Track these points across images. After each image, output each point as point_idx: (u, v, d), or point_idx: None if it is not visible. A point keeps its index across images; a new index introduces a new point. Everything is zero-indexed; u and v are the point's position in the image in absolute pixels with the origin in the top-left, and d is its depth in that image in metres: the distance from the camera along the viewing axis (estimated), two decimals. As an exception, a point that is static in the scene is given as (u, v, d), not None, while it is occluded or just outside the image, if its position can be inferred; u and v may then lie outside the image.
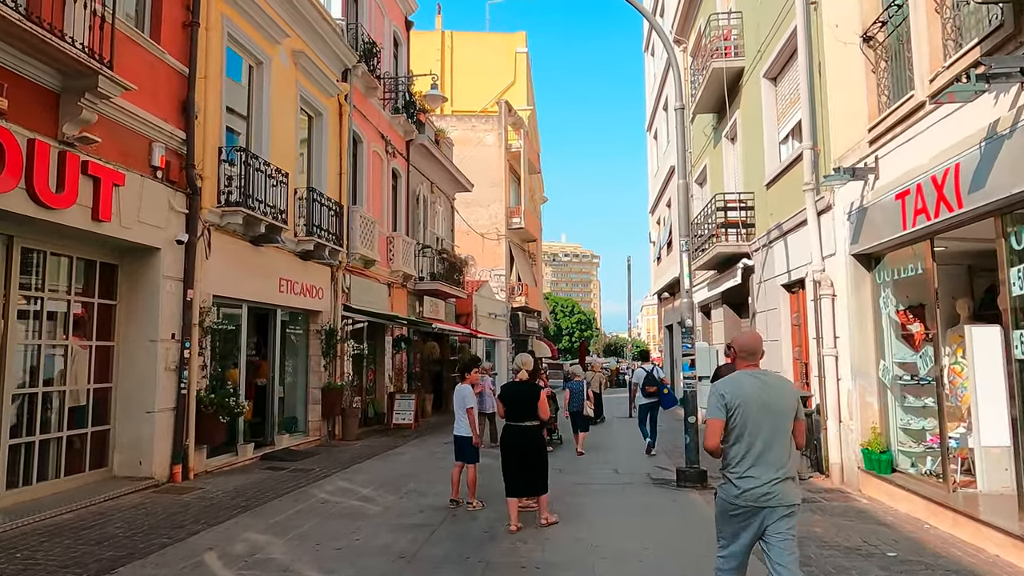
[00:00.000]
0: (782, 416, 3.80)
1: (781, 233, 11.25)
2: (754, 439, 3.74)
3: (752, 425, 3.76)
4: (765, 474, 3.71)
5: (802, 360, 10.99)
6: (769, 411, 3.78)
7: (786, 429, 3.81)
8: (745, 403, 3.78)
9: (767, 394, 3.82)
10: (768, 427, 3.76)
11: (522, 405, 6.81)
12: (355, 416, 14.28)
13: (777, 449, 3.76)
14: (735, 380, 3.91)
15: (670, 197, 22.80)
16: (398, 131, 18.98)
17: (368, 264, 16.03)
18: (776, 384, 3.95)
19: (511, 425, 6.89)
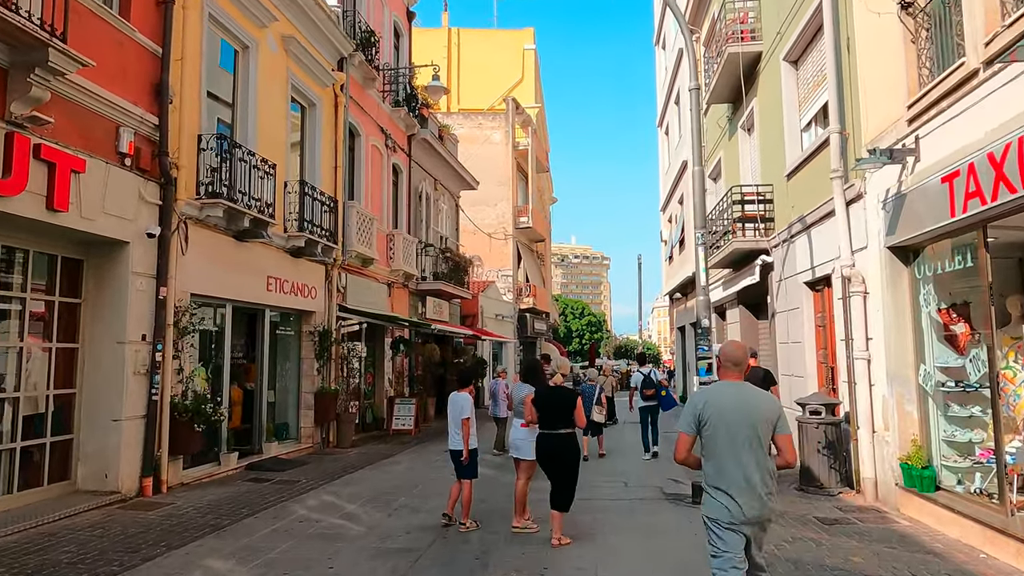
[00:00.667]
0: (760, 429, 3.72)
1: (804, 227, 10.42)
2: (739, 452, 3.69)
3: (730, 438, 3.70)
4: (754, 487, 3.68)
5: (828, 364, 10.15)
6: (747, 424, 3.71)
7: (763, 443, 3.74)
8: (723, 415, 3.72)
9: (744, 405, 3.75)
10: (744, 439, 3.70)
11: (558, 411, 6.37)
12: (350, 422, 13.56)
13: (761, 461, 3.71)
14: (714, 391, 3.87)
15: (683, 193, 21.96)
16: (399, 125, 18.27)
17: (366, 263, 15.32)
18: (755, 396, 3.84)
19: (546, 433, 6.46)
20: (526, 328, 33.32)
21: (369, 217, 15.18)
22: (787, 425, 3.79)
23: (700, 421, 3.76)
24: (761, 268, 12.50)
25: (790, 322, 11.44)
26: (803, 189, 10.65)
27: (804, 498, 8.33)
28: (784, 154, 11.55)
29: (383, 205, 17.08)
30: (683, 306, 24.73)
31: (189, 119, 9.31)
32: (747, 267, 13.39)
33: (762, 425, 3.72)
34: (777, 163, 12.04)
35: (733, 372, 3.89)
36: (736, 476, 3.67)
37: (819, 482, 8.50)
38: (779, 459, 3.83)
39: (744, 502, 3.66)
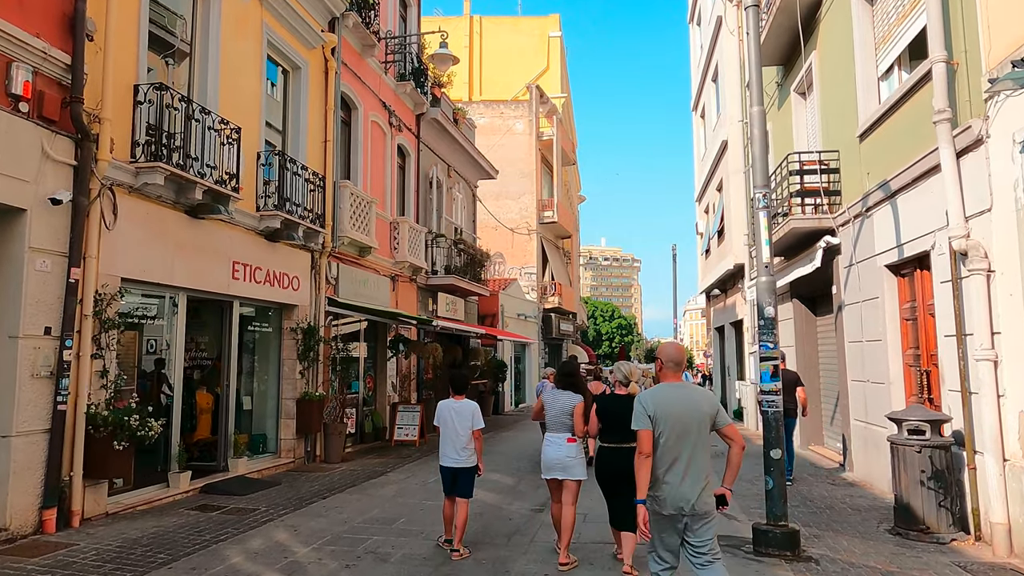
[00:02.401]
0: (702, 426, 3.95)
1: (887, 195, 8.30)
2: (677, 449, 3.89)
3: (674, 436, 3.90)
4: (686, 482, 3.87)
5: (920, 368, 8.01)
6: (691, 421, 3.91)
7: (706, 439, 3.97)
8: (667, 414, 3.91)
9: (688, 405, 3.96)
10: (689, 437, 3.90)
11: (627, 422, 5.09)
12: (340, 433, 11.75)
13: (698, 459, 3.92)
14: (660, 393, 4.02)
15: (721, 178, 19.79)
16: (405, 102, 16.49)
17: (363, 252, 13.53)
18: (696, 395, 4.07)
19: (611, 448, 5.57)
20: (551, 329, 31.34)
21: (367, 200, 13.39)
22: (726, 416, 4.05)
23: (652, 420, 3.92)
24: (824, 252, 10.37)
25: (865, 316, 9.30)
26: (884, 149, 8.53)
27: (905, 547, 6.24)
28: (856, 111, 9.44)
29: (386, 189, 15.29)
30: (722, 304, 22.52)
31: (122, 64, 7.59)
32: (805, 252, 11.25)
33: (705, 422, 3.96)
34: (845, 124, 9.93)
35: (674, 373, 4.12)
36: (688, 468, 3.87)
37: (923, 524, 6.39)
38: (732, 449, 4.02)
39: (679, 494, 3.86)
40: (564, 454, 5.80)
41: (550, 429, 5.94)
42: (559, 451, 5.81)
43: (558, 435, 5.84)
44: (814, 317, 12.76)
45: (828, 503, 8.13)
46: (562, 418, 5.85)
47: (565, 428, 5.83)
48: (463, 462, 6.13)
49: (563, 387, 6.05)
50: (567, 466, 5.79)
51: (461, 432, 6.14)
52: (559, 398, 5.95)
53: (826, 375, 12.29)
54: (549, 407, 5.95)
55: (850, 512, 7.63)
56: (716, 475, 4.03)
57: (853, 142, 9.57)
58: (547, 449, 5.90)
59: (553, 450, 5.85)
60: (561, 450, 5.81)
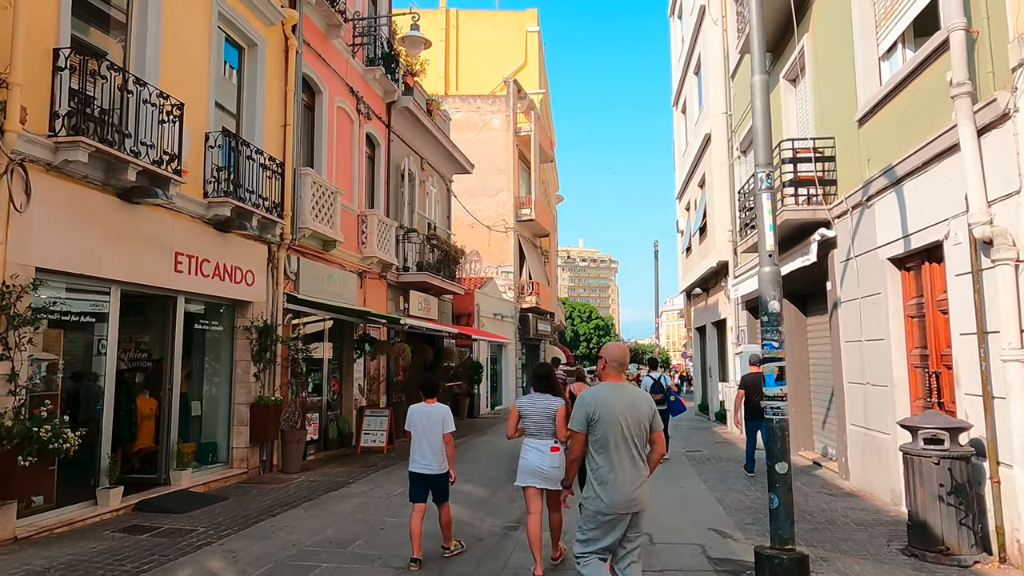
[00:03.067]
0: (642, 426, 3.97)
1: (892, 181, 7.66)
2: (621, 449, 3.91)
3: (618, 436, 3.91)
4: (628, 482, 3.89)
5: (928, 369, 7.36)
6: (632, 421, 3.94)
7: (645, 439, 3.99)
8: (610, 414, 3.92)
9: (630, 405, 3.97)
10: (628, 437, 3.92)
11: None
12: (299, 440, 10.83)
13: (635, 458, 3.95)
14: (601, 393, 4.03)
15: (703, 172, 19.19)
16: (375, 89, 15.61)
17: (327, 245, 12.64)
18: (636, 395, 4.09)
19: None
20: (528, 329, 30.56)
21: (331, 190, 12.49)
22: (660, 421, 4.10)
23: (591, 421, 3.96)
24: (819, 245, 9.73)
25: (864, 314, 8.66)
26: (888, 132, 7.89)
27: (923, 570, 5.55)
28: (854, 94, 8.81)
29: (353, 180, 14.40)
30: (703, 303, 21.95)
31: (37, 24, 6.65)
32: (798, 246, 10.61)
33: (643, 422, 4.00)
34: (842, 109, 9.30)
35: (616, 372, 4.16)
36: (623, 469, 3.90)
37: (942, 544, 5.71)
38: (653, 453, 4.11)
39: (627, 494, 3.88)
40: (548, 463, 5.40)
41: (531, 435, 5.53)
42: (542, 459, 5.41)
43: (541, 441, 5.46)
44: (804, 317, 12.14)
45: (828, 517, 7.45)
46: (544, 423, 5.46)
47: (548, 434, 5.45)
48: (436, 468, 5.86)
49: (540, 390, 5.64)
50: (549, 476, 5.40)
51: (433, 437, 5.85)
52: (538, 402, 5.54)
53: (817, 377, 11.68)
54: (528, 413, 5.53)
55: (854, 528, 6.95)
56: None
57: (851, 127, 8.94)
58: (528, 455, 5.48)
59: (535, 457, 5.45)
60: (544, 458, 5.41)
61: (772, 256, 5.61)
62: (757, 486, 9.36)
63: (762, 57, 5.82)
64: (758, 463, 9.95)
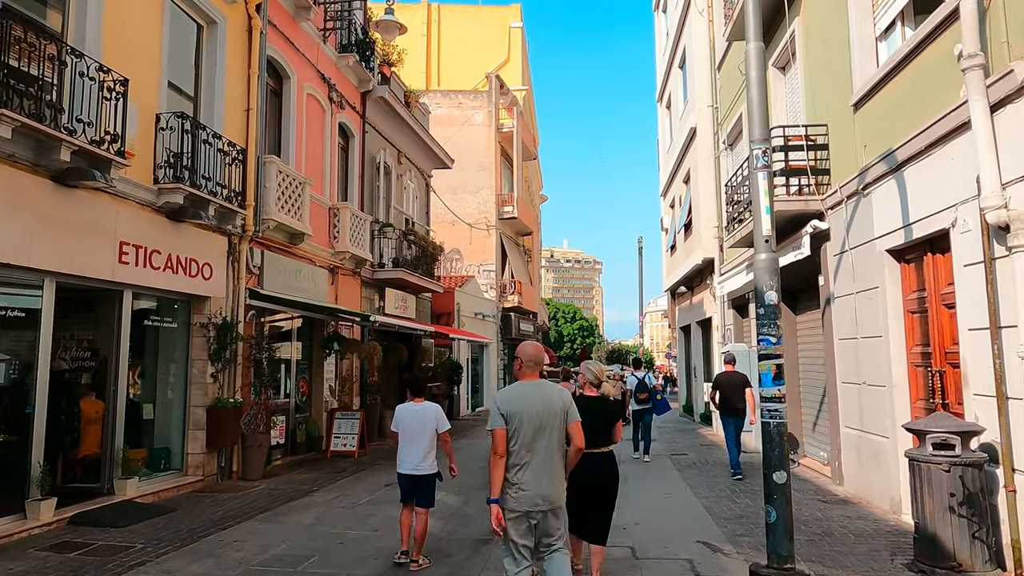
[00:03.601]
0: (556, 422, 3.98)
1: (891, 167, 7.17)
2: (533, 446, 3.91)
3: (530, 433, 3.91)
4: (542, 479, 3.90)
5: (931, 368, 6.87)
6: (545, 418, 3.94)
7: (561, 435, 4.01)
8: (522, 413, 3.92)
9: (542, 403, 3.97)
10: (545, 434, 3.93)
11: (600, 425, 5.07)
12: (261, 445, 10.15)
13: (552, 455, 3.96)
14: (513, 391, 4.07)
15: (688, 168, 18.72)
16: (348, 77, 14.95)
17: (295, 238, 11.96)
18: (549, 392, 4.07)
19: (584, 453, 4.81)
20: (511, 329, 29.96)
21: (299, 180, 11.83)
22: (576, 413, 4.08)
23: (507, 419, 3.93)
24: (812, 238, 9.24)
25: (860, 309, 8.17)
26: (887, 116, 7.40)
27: (934, 590, 5.03)
28: (849, 78, 8.33)
29: (325, 171, 13.74)
30: (688, 302, 21.50)
31: (-46, -16, 5.97)
32: (789, 240, 10.11)
33: (559, 417, 4.00)
34: (835, 94, 8.82)
35: (532, 371, 4.14)
36: (538, 466, 3.90)
37: (953, 559, 5.20)
38: (572, 447, 4.07)
39: (543, 489, 3.89)
40: None
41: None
42: None
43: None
44: (793, 314, 11.67)
45: (824, 527, 6.93)
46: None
47: None
48: (425, 469, 5.82)
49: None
50: None
51: (423, 438, 5.81)
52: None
53: (807, 377, 11.21)
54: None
55: (853, 540, 6.44)
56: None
57: (845, 113, 8.46)
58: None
59: None
60: None
61: (769, 242, 5.08)
62: (746, 492, 8.85)
63: (758, 22, 5.29)
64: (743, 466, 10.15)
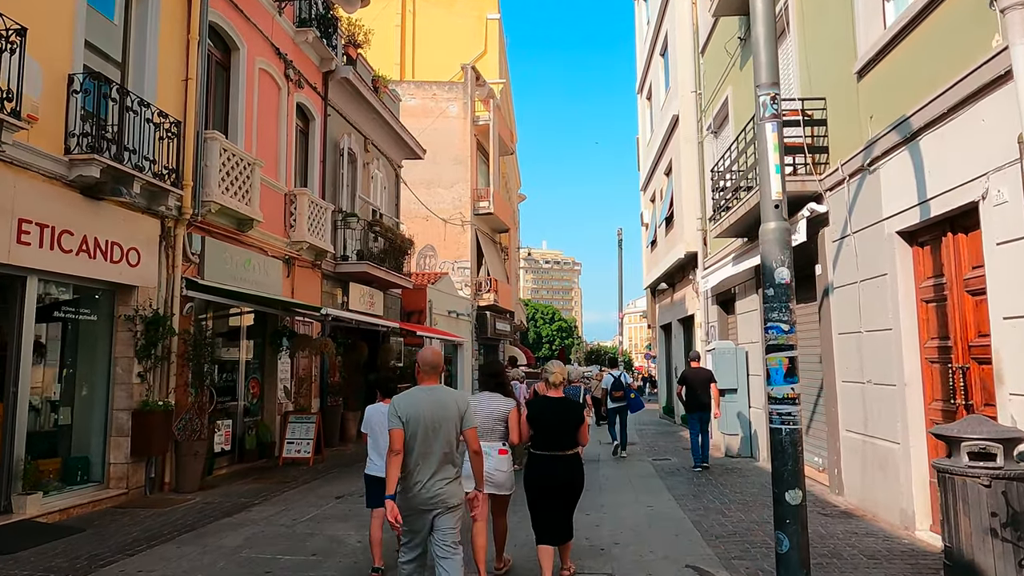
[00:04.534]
0: (449, 425, 4.05)
1: (904, 137, 6.32)
2: (426, 447, 3.99)
3: (424, 435, 3.99)
4: (434, 480, 3.99)
5: (952, 364, 6.03)
6: (439, 421, 4.02)
7: (454, 437, 4.07)
8: (417, 415, 3.99)
9: (436, 406, 4.05)
10: (439, 436, 4.01)
11: (563, 426, 4.95)
12: (197, 453, 9.06)
13: (445, 456, 4.03)
14: (410, 395, 4.12)
15: (670, 159, 17.90)
16: (308, 54, 13.88)
17: (243, 225, 10.88)
18: (445, 396, 4.14)
19: (545, 456, 4.97)
20: (486, 328, 28.98)
21: (247, 161, 10.75)
22: (472, 419, 4.17)
23: (404, 421, 3.99)
24: (808, 223, 8.40)
25: (864, 299, 7.32)
26: (898, 80, 6.55)
27: (976, 631, 4.16)
28: (852, 44, 7.49)
29: (280, 154, 12.66)
30: (668, 299, 20.69)
31: None
32: (781, 226, 9.24)
33: (453, 421, 4.06)
34: (835, 64, 7.99)
35: (430, 376, 4.23)
36: (429, 467, 3.98)
37: (994, 593, 4.32)
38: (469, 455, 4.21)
39: (433, 490, 3.97)
40: (494, 466, 5.10)
41: (480, 437, 4.87)
42: (489, 462, 4.97)
43: (489, 444, 5.10)
44: (784, 307, 10.83)
45: (831, 547, 6.05)
46: (494, 425, 5.19)
47: (497, 436, 5.20)
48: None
49: (489, 389, 5.39)
50: (499, 481, 5.16)
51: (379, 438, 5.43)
52: (488, 402, 5.27)
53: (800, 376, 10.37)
54: (480, 412, 5.15)
55: (867, 563, 5.57)
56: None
57: (847, 83, 7.62)
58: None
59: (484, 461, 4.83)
60: (491, 461, 5.04)
61: (779, 208, 4.16)
62: (736, 503, 7.98)
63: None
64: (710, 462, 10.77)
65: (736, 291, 12.62)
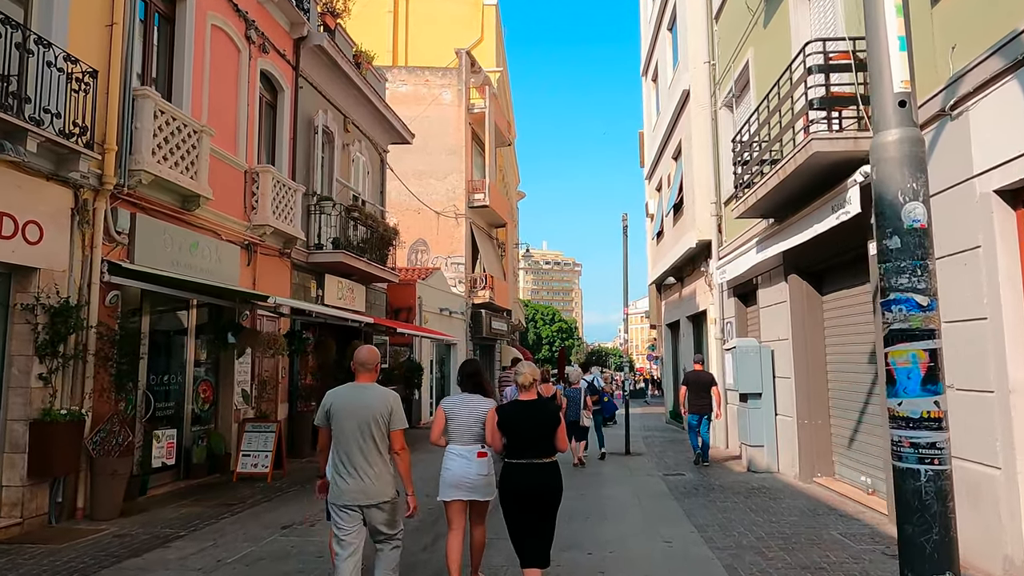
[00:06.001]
0: (374, 423, 4.13)
1: (1008, 63, 4.76)
2: (350, 444, 4.10)
3: (348, 432, 4.11)
4: (358, 475, 4.08)
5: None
6: (362, 419, 4.12)
7: (378, 435, 4.14)
8: (343, 412, 4.15)
9: (360, 404, 4.16)
10: (363, 433, 4.11)
11: (537, 432, 4.59)
12: (115, 473, 7.46)
13: (369, 453, 4.11)
14: (337, 392, 4.28)
15: (680, 140, 16.32)
16: (275, 16, 12.33)
17: (188, 202, 9.33)
18: (370, 395, 4.22)
19: (519, 464, 4.57)
20: (481, 327, 27.36)
21: (193, 127, 9.20)
22: (400, 420, 4.23)
23: (328, 417, 4.19)
24: (862, 190, 6.82)
25: (945, 281, 5.72)
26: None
27: None
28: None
29: (239, 125, 11.10)
30: (677, 295, 19.11)
31: None
32: (823, 198, 7.67)
33: (377, 420, 4.14)
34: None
35: (365, 374, 4.32)
36: (352, 463, 4.08)
37: None
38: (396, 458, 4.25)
39: (356, 485, 4.07)
40: (475, 471, 4.81)
41: (456, 440, 4.91)
42: (468, 467, 4.81)
43: (467, 447, 4.84)
44: (819, 296, 9.29)
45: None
46: (474, 427, 4.87)
47: (474, 439, 4.86)
48: None
49: (468, 389, 5.05)
50: (476, 485, 4.83)
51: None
52: (469, 403, 4.95)
53: (838, 374, 8.83)
54: (456, 415, 4.91)
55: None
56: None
57: (914, 8, 6.06)
58: (452, 464, 4.86)
59: (461, 466, 4.84)
60: (472, 466, 4.81)
61: (906, 107, 2.58)
62: (776, 537, 6.40)
63: None
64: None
65: (759, 281, 11.05)
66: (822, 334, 9.15)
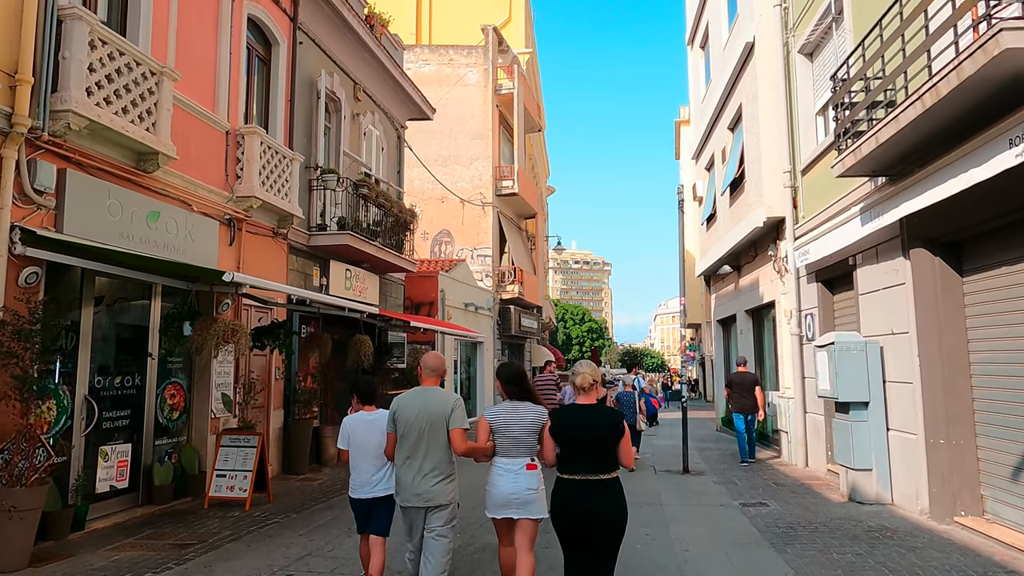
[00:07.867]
0: (435, 426, 4.30)
1: None
2: (412, 447, 4.30)
3: (410, 434, 4.31)
4: (416, 477, 4.26)
5: None
6: (424, 422, 4.30)
7: (440, 437, 4.29)
8: (407, 416, 4.33)
9: (423, 407, 4.32)
10: (424, 436, 4.29)
11: (596, 444, 3.97)
12: (19, 510, 5.56)
13: (432, 454, 4.30)
14: (405, 397, 4.44)
15: (740, 104, 14.02)
16: (267, -45, 10.47)
17: (144, 161, 7.45)
18: (432, 398, 4.37)
19: (575, 481, 3.95)
20: (510, 325, 25.31)
21: (149, 67, 7.32)
22: (460, 419, 4.34)
23: (396, 421, 4.38)
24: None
25: None
26: None
27: None
28: None
29: (219, 78, 9.22)
30: (732, 286, 16.79)
31: None
32: (990, 131, 5.45)
33: (438, 422, 4.30)
34: None
35: (430, 378, 4.50)
36: (418, 467, 4.28)
37: None
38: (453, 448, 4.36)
39: (414, 488, 4.27)
40: (524, 485, 4.31)
41: (504, 453, 4.38)
42: (517, 482, 4.29)
43: (515, 460, 4.32)
44: (958, 276, 7.03)
45: None
46: (526, 439, 4.32)
47: (525, 451, 4.34)
48: (380, 491, 4.84)
49: (515, 397, 4.41)
50: (527, 501, 4.30)
51: (379, 453, 4.79)
52: (518, 412, 4.35)
53: (991, 383, 6.58)
54: (505, 427, 4.31)
55: None
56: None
57: None
58: (500, 480, 4.35)
59: (508, 482, 4.31)
60: (521, 480, 4.30)
61: None
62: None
63: None
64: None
65: (857, 260, 8.81)
66: (963, 326, 6.91)
